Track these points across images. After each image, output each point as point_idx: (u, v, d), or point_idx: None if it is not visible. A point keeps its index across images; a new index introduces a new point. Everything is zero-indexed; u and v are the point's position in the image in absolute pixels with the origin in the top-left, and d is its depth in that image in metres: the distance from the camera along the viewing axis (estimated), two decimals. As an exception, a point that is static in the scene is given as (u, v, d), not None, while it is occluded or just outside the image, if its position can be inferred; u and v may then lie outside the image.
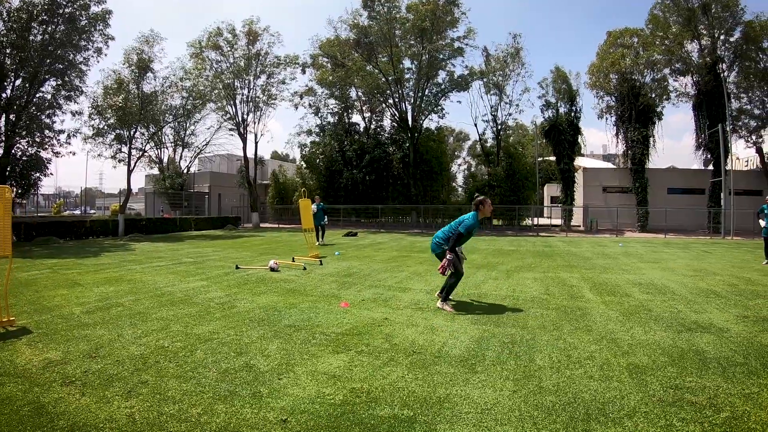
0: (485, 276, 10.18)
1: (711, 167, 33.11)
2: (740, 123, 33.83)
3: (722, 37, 32.07)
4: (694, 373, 4.10)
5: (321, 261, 12.29)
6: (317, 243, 17.06)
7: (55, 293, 7.79)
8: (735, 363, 4.37)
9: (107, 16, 22.70)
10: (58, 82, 22.04)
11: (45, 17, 20.64)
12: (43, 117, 21.64)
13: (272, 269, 10.58)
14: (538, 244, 20.16)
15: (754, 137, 34.12)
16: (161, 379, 3.92)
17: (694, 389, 3.75)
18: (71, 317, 6.11)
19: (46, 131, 21.70)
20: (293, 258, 12.73)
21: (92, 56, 22.92)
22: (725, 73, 31.95)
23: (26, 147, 21.36)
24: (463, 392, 3.72)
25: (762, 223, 13.40)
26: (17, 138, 20.48)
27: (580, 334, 5.41)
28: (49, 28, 20.98)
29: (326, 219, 19.47)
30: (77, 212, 52.19)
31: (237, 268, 11.09)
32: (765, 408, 3.38)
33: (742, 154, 45.19)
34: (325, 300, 7.37)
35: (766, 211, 13.35)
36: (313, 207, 17.37)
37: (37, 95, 21.38)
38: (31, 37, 20.49)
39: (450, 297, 6.93)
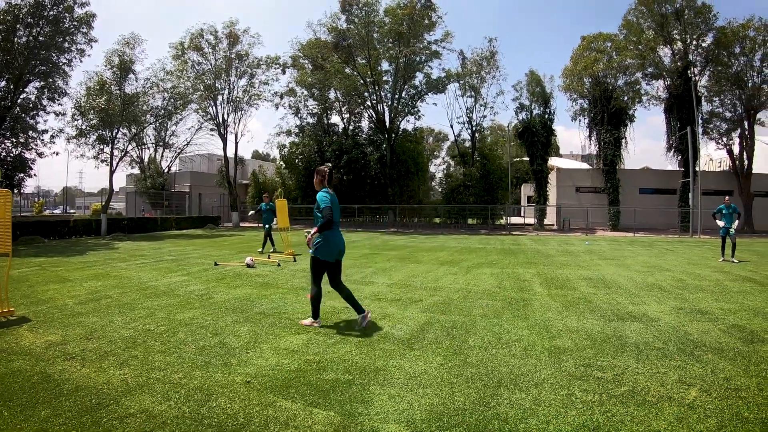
0: (446, 271, 11.00)
1: (681, 168, 34.19)
2: (711, 126, 34.99)
3: (694, 43, 33.19)
4: (610, 355, 4.68)
5: (295, 258, 13.02)
6: (259, 251, 15.13)
7: (47, 288, 8.47)
8: (652, 348, 4.95)
9: (91, 18, 23.15)
10: (42, 84, 22.46)
11: (30, 20, 21.06)
12: (27, 118, 22.02)
13: (248, 266, 11.31)
14: (507, 243, 20.97)
15: (725, 139, 35.26)
16: (148, 354, 4.71)
17: (603, 367, 4.30)
18: (65, 308, 6.83)
19: (30, 132, 22.06)
20: (269, 255, 13.49)
21: (75, 57, 23.46)
22: (696, 78, 33.08)
23: (10, 148, 21.72)
24: (397, 364, 4.44)
25: (720, 223, 13.99)
26: (1, 139, 20.84)
27: (516, 321, 6.06)
28: (34, 31, 21.41)
29: (275, 222, 15.34)
30: (57, 211, 52.16)
31: (216, 264, 11.80)
32: (665, 385, 3.89)
33: (715, 156, 46.33)
34: (294, 292, 8.17)
35: (724, 212, 13.97)
36: (261, 207, 15.61)
37: (21, 96, 21.80)
38: (15, 39, 20.89)
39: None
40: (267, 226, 15.49)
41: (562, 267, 12.00)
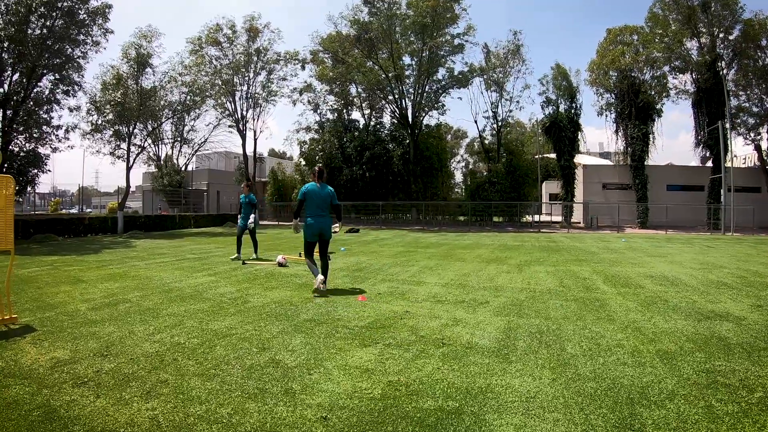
0: (497, 270, 10.08)
1: (710, 164, 33.24)
2: (739, 120, 34.03)
3: (721, 35, 32.21)
4: (722, 358, 4.21)
5: (329, 256, 11.98)
6: (235, 256, 12.06)
7: (57, 290, 7.50)
8: (758, 348, 4.51)
9: (107, 10, 22.28)
10: (56, 77, 21.63)
11: (44, 10, 20.20)
12: (41, 112, 21.23)
13: (280, 264, 10.36)
14: (542, 240, 20.09)
15: (752, 135, 34.57)
16: (182, 378, 3.65)
17: (724, 372, 3.84)
18: (77, 314, 5.81)
19: (44, 127, 21.27)
20: (300, 253, 12.44)
21: (90, 50, 22.53)
22: (724, 71, 32.04)
23: (24, 143, 20.97)
24: (503, 381, 3.65)
25: None
26: (14, 134, 20.08)
27: (604, 324, 5.43)
28: (48, 22, 20.56)
29: (256, 218, 12.41)
30: (74, 211, 51.82)
31: (243, 264, 10.87)
32: (794, 388, 3.45)
33: (739, 152, 45.58)
34: (340, 294, 7.19)
35: None
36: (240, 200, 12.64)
37: (35, 90, 21.01)
38: (29, 31, 20.06)
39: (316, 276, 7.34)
40: (246, 224, 12.26)
41: (615, 264, 11.23)
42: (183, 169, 37.60)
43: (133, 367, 3.91)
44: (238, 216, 12.75)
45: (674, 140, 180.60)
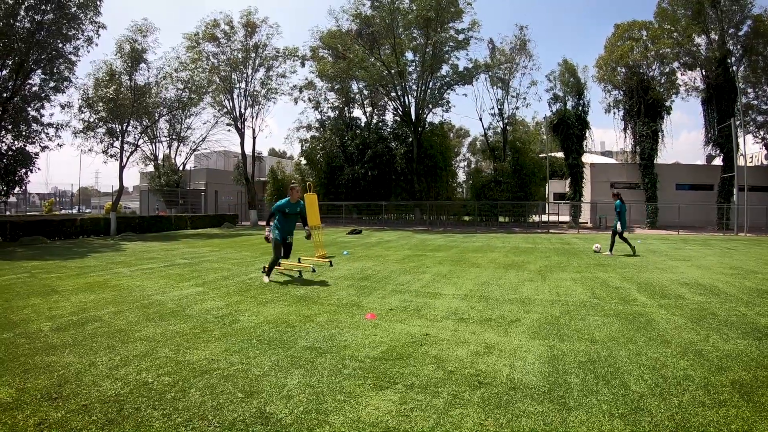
0: (518, 277, 9.16)
1: (720, 162, 32.43)
2: (747, 118, 33.24)
3: (731, 31, 31.30)
4: None
5: (331, 262, 11.04)
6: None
7: (26, 303, 6.64)
8: None
9: (98, 2, 21.24)
10: (46, 73, 20.65)
11: (33, 3, 19.23)
12: (30, 110, 20.32)
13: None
14: (554, 242, 19.18)
15: (762, 133, 33.88)
16: None
17: None
18: (37, 336, 4.95)
19: (33, 124, 20.35)
20: (299, 258, 11.51)
21: (82, 46, 21.49)
22: (734, 68, 31.30)
23: (12, 141, 20.03)
24: None
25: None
26: (2, 132, 19.18)
27: (659, 347, 4.67)
28: (37, 16, 19.58)
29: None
30: (74, 211, 51.12)
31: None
32: None
33: (746, 151, 44.78)
34: (346, 310, 6.20)
35: (618, 210, 13.89)
36: None
37: (24, 86, 20.07)
38: (17, 25, 19.14)
39: (270, 272, 8.73)
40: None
41: (642, 270, 10.32)
42: (181, 168, 36.73)
43: (84, 419, 3.01)
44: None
45: (675, 139, 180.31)
